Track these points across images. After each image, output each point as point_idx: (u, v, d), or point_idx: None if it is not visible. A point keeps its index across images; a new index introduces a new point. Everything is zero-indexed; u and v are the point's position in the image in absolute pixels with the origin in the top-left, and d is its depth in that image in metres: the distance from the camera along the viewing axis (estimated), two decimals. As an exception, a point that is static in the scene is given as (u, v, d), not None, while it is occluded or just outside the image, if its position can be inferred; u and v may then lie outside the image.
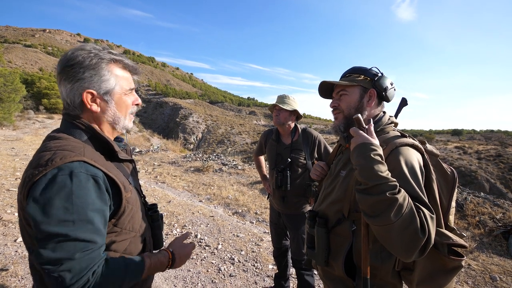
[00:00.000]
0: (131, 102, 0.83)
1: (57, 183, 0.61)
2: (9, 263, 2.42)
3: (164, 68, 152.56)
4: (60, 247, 0.59)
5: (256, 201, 4.81)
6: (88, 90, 0.73)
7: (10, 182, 4.71)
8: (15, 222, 3.21)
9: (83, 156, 0.67)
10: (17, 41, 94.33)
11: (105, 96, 0.76)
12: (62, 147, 0.67)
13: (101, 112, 0.76)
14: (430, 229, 0.75)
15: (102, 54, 0.75)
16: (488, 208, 3.93)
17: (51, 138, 0.73)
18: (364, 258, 0.85)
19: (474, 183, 18.33)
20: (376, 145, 0.82)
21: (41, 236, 0.59)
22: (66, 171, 0.63)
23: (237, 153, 26.61)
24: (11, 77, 14.61)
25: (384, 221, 0.74)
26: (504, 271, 2.70)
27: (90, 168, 0.66)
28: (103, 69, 0.74)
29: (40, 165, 0.63)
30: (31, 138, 10.89)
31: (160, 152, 9.90)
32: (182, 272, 2.55)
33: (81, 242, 0.61)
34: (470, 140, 38.06)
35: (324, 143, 1.90)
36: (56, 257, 0.59)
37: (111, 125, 0.80)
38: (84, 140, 0.74)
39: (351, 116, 0.99)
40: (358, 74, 1.03)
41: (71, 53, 0.73)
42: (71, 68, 0.72)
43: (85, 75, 0.72)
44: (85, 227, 0.62)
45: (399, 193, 0.75)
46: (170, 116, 51.81)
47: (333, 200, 1.01)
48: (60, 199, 0.60)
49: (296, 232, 1.89)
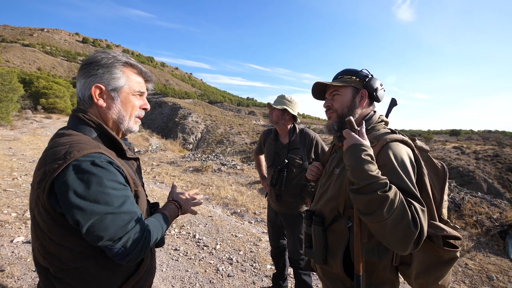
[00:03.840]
0: (138, 104, 0.86)
1: (84, 171, 0.65)
2: (5, 264, 2.40)
3: (163, 68, 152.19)
4: (113, 224, 0.66)
5: (255, 201, 4.81)
6: (97, 85, 0.77)
7: (7, 183, 4.69)
8: (11, 222, 3.19)
9: (100, 149, 0.71)
10: (15, 40, 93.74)
11: (112, 92, 0.79)
12: (76, 142, 0.70)
13: (107, 108, 0.79)
14: (422, 222, 0.77)
15: (119, 57, 0.82)
16: (485, 208, 3.95)
17: (61, 135, 0.74)
18: (356, 254, 0.87)
19: (472, 183, 18.42)
20: (367, 146, 0.85)
21: (91, 219, 0.64)
22: (88, 160, 0.66)
23: (236, 153, 26.60)
24: (9, 77, 14.53)
25: (377, 218, 0.77)
26: (501, 270, 2.71)
27: (108, 158, 0.71)
28: (116, 68, 0.80)
29: (59, 159, 0.66)
30: (29, 138, 10.81)
31: (159, 152, 9.87)
32: (180, 272, 2.55)
33: (128, 214, 0.70)
34: (468, 140, 38.26)
35: (322, 143, 1.90)
36: (113, 233, 0.66)
37: (116, 123, 0.83)
38: (94, 137, 0.77)
39: (345, 115, 1.04)
40: (350, 75, 1.07)
41: (93, 55, 0.80)
42: (89, 66, 0.78)
43: (98, 71, 0.78)
44: (125, 202, 0.70)
45: (390, 190, 0.77)
46: (169, 116, 51.72)
47: (328, 198, 1.03)
48: (93, 183, 0.65)
49: (292, 231, 1.90)
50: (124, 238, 0.68)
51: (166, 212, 0.91)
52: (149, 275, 0.91)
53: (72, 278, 0.72)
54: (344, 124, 1.03)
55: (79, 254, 0.71)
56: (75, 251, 0.71)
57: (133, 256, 0.70)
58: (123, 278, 0.80)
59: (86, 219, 0.64)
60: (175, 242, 3.14)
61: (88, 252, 0.72)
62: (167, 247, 3.01)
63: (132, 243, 0.69)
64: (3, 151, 7.61)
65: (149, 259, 0.91)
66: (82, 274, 0.72)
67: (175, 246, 3.02)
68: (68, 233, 0.69)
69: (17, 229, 3.05)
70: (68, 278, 0.72)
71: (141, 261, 0.86)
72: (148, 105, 0.90)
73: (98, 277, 0.74)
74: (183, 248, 2.98)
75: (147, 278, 0.89)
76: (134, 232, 0.70)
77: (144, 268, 0.87)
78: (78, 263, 0.71)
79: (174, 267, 2.62)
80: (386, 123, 1.09)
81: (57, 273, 0.72)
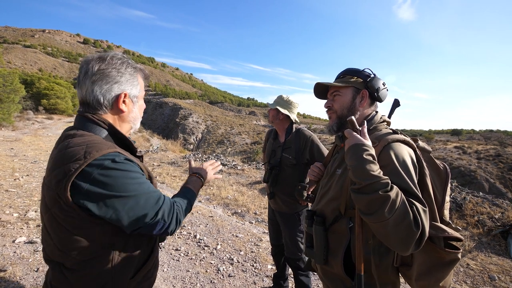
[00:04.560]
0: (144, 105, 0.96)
1: (108, 167, 0.70)
2: (7, 264, 2.41)
3: (163, 69, 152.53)
4: (147, 204, 0.74)
5: (256, 201, 4.81)
6: (125, 92, 0.84)
7: (8, 183, 4.70)
8: (13, 223, 3.20)
9: (116, 148, 0.76)
10: (17, 41, 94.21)
11: (134, 98, 0.87)
12: (92, 142, 0.73)
13: (128, 112, 0.87)
14: (424, 222, 0.77)
15: (134, 64, 0.89)
16: (487, 208, 3.93)
17: (72, 135, 0.76)
18: (358, 254, 0.87)
19: (473, 182, 18.35)
20: (368, 146, 0.85)
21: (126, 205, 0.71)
22: (109, 159, 0.71)
23: (237, 153, 26.60)
24: (10, 78, 14.59)
25: (379, 218, 0.76)
26: (502, 270, 2.70)
27: (125, 156, 0.76)
28: (136, 76, 0.88)
29: (78, 159, 0.68)
30: (30, 139, 10.85)
31: (160, 152, 9.89)
32: (181, 272, 2.55)
33: (155, 193, 0.78)
34: (469, 140, 38.12)
35: (318, 144, 1.88)
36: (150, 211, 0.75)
37: (130, 125, 0.91)
38: (104, 136, 0.80)
39: (344, 116, 1.04)
40: (352, 75, 1.06)
41: (109, 58, 0.82)
42: (109, 71, 0.81)
43: (122, 79, 0.83)
44: (150, 186, 0.78)
45: (392, 190, 0.77)
46: (169, 117, 51.80)
47: (330, 198, 1.03)
48: (119, 177, 0.70)
49: (288, 231, 1.91)
50: (160, 212, 0.77)
51: (188, 186, 1.00)
52: (155, 269, 0.95)
53: (88, 270, 0.75)
54: (344, 125, 1.03)
55: (98, 245, 0.74)
56: (94, 242, 0.73)
57: (173, 226, 0.80)
58: (135, 269, 0.84)
59: (122, 208, 0.70)
60: (176, 242, 3.14)
61: (106, 243, 0.75)
62: (168, 247, 3.01)
63: (168, 215, 0.79)
64: (5, 151, 7.64)
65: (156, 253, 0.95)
66: (98, 265, 0.75)
67: (176, 246, 3.03)
68: (89, 225, 0.72)
69: (19, 230, 3.07)
70: (84, 269, 0.74)
71: (151, 252, 0.90)
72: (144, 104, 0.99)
73: (113, 268, 0.77)
74: (184, 248, 2.99)
75: (154, 271, 0.94)
76: (166, 205, 0.79)
77: (153, 260, 0.91)
78: (95, 254, 0.74)
79: (175, 267, 2.63)
80: (388, 124, 1.08)
81: (73, 266, 0.74)
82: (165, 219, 0.78)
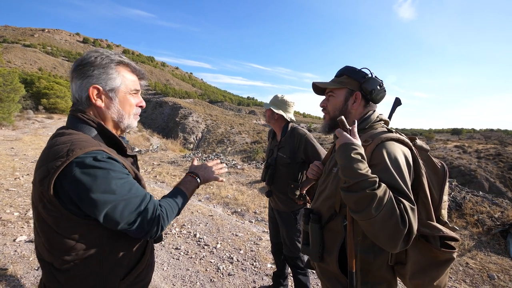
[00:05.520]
0: (135, 102, 0.88)
1: (89, 166, 0.68)
2: (8, 262, 2.42)
3: (163, 68, 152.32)
4: (126, 209, 0.71)
5: (255, 200, 4.82)
6: (94, 86, 0.78)
7: (9, 182, 4.71)
8: (14, 221, 3.21)
9: (101, 146, 0.73)
10: (16, 40, 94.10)
11: (110, 93, 0.80)
12: (77, 140, 0.71)
13: (106, 108, 0.81)
14: (411, 220, 0.77)
15: (113, 56, 0.82)
16: (486, 207, 3.94)
17: (61, 134, 0.76)
18: (349, 252, 0.88)
19: (473, 182, 18.36)
20: (357, 145, 0.86)
21: (105, 208, 0.68)
22: (90, 157, 0.69)
23: (237, 152, 26.62)
24: (10, 77, 14.58)
25: (366, 215, 0.77)
26: (502, 269, 2.71)
27: (108, 155, 0.73)
28: (111, 68, 0.80)
29: (61, 156, 0.67)
30: (31, 138, 10.86)
31: (160, 151, 9.90)
32: (180, 271, 2.56)
33: (137, 197, 0.74)
34: (469, 139, 38.10)
35: (312, 143, 1.85)
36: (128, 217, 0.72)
37: (116, 122, 0.85)
38: (93, 136, 0.78)
39: (336, 118, 1.05)
40: (348, 75, 1.06)
41: (85, 55, 0.80)
42: (83, 67, 0.78)
43: (94, 72, 0.78)
44: (132, 188, 0.74)
45: (379, 188, 0.78)
46: (169, 116, 51.80)
47: (326, 197, 1.04)
48: (99, 176, 0.68)
49: (286, 229, 1.92)
50: (139, 219, 0.74)
51: (180, 186, 0.95)
52: (149, 270, 0.94)
53: (77, 271, 0.74)
54: (336, 125, 1.04)
55: (85, 246, 0.73)
56: (81, 243, 0.73)
57: (153, 232, 0.77)
58: (126, 270, 0.82)
59: (100, 209, 0.68)
60: (176, 241, 3.15)
61: (93, 244, 0.74)
62: (168, 246, 3.02)
63: (148, 222, 0.75)
64: (5, 151, 7.64)
65: (150, 254, 0.93)
66: (86, 266, 0.74)
67: (176, 245, 3.03)
68: (75, 225, 0.71)
69: (20, 228, 3.08)
70: (73, 270, 0.74)
71: (142, 255, 0.88)
72: (144, 102, 0.91)
73: (102, 269, 0.76)
74: (184, 247, 3.00)
75: (147, 272, 0.92)
76: (148, 212, 0.76)
77: (145, 261, 0.89)
78: (83, 255, 0.73)
79: (175, 266, 2.64)
80: (386, 123, 1.08)
81: (62, 266, 0.73)
82: (144, 226, 0.75)
